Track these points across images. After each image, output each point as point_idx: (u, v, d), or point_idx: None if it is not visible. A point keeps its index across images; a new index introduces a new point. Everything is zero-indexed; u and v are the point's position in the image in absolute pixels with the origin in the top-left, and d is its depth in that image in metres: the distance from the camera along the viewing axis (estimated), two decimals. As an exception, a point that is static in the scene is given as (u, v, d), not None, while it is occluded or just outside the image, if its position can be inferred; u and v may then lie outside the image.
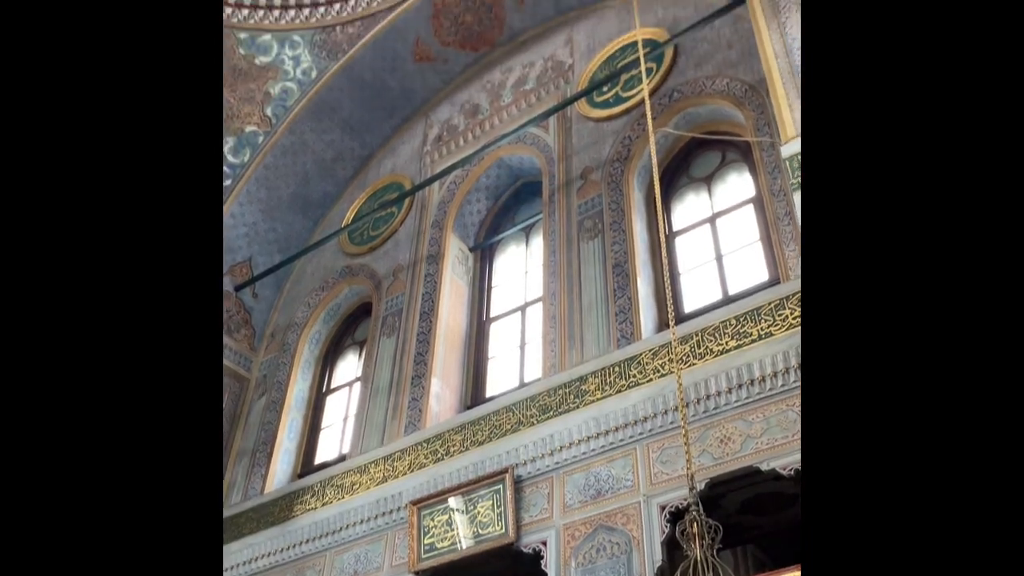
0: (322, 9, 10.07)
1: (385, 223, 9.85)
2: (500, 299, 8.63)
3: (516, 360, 7.83)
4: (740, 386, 5.49)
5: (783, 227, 6.25)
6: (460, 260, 8.97)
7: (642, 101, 7.84)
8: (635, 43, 8.49)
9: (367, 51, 10.09)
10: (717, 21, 7.70)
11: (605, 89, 8.45)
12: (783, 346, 5.42)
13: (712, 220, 7.17)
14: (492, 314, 8.55)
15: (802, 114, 2.37)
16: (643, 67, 6.42)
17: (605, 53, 8.96)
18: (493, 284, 8.87)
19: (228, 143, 10.01)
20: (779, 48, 6.04)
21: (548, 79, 9.43)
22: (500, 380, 7.84)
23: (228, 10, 9.84)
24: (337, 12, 10.01)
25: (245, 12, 9.87)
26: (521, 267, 8.67)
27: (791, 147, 5.58)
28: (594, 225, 7.51)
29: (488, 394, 7.79)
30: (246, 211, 10.19)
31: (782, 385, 5.33)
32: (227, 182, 10.02)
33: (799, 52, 5.94)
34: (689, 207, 7.49)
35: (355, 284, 9.69)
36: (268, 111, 10.11)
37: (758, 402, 5.41)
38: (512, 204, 9.40)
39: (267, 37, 9.90)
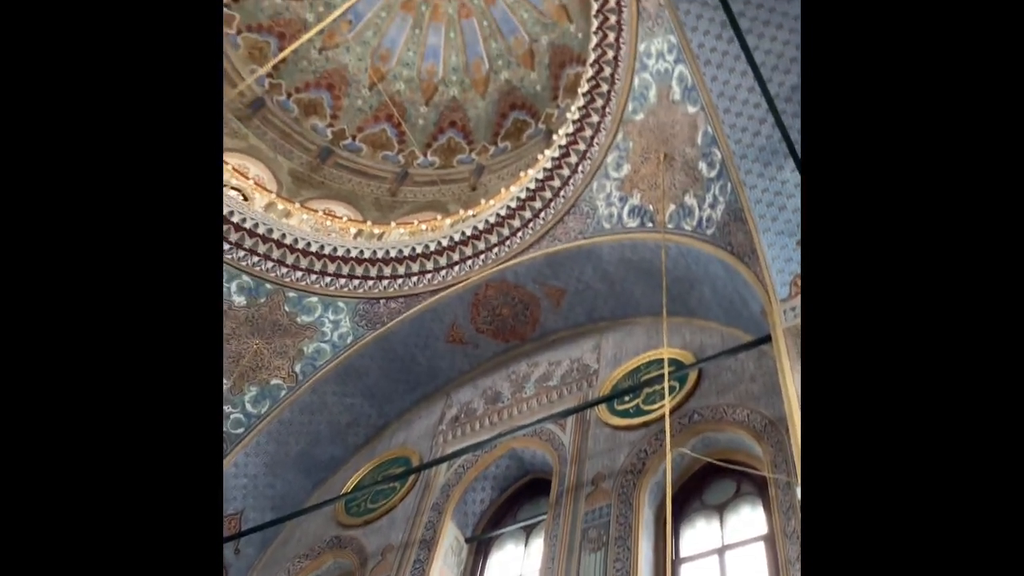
0: (370, 282, 10.70)
1: (385, 497, 9.56)
2: (489, 601, 8.05)
3: (494, 675, 7.10)
4: None
5: (794, 572, 5.89)
6: (454, 550, 8.52)
7: (662, 417, 7.87)
8: (661, 360, 8.73)
9: (404, 326, 10.52)
10: (742, 354, 7.94)
11: (627, 399, 8.55)
12: None
13: (721, 552, 6.81)
14: (477, 616, 7.92)
15: (801, 465, 2.35)
16: (666, 384, 6.52)
17: (630, 365, 9.19)
18: (484, 582, 8.32)
19: (251, 392, 10.15)
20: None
21: (572, 379, 9.61)
22: None
23: (284, 269, 10.50)
24: (384, 288, 10.61)
25: (299, 274, 10.52)
26: (516, 569, 8.18)
27: (808, 490, 5.43)
28: (599, 536, 7.18)
29: None
30: (250, 462, 10.03)
31: None
32: (239, 430, 9.99)
33: (820, 396, 6.01)
34: (699, 534, 7.17)
35: (341, 558, 9.18)
36: (297, 368, 10.35)
37: None
38: (517, 499, 9.12)
39: (314, 299, 10.44)
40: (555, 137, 10.75)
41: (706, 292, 8.91)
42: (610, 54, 9.67)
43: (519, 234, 10.50)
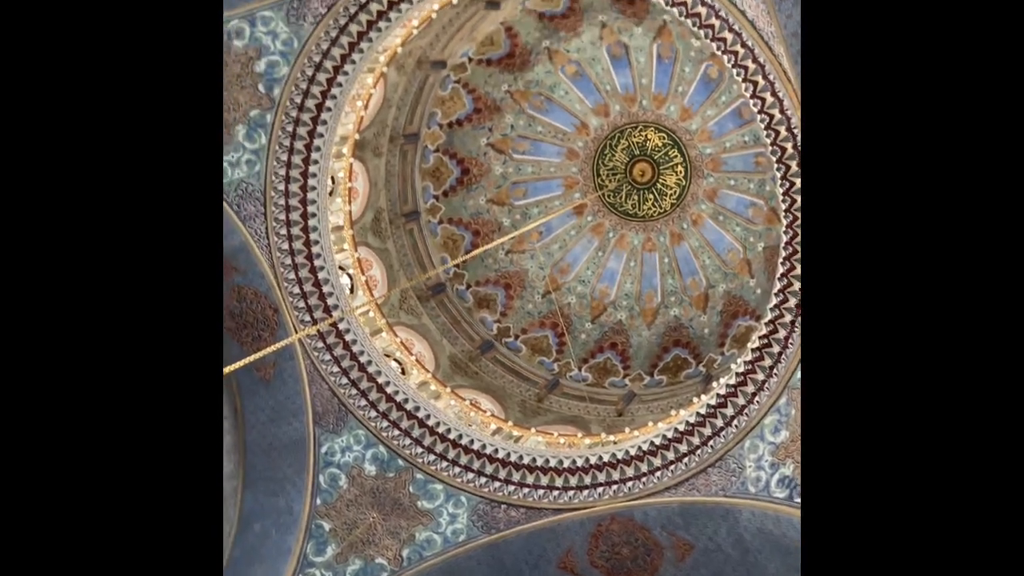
0: (497, 484, 10.58)
1: None
2: None
3: None
4: None
5: None
6: None
7: None
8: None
9: (519, 538, 10.20)
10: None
11: None
12: None
13: None
14: None
15: None
16: None
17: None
18: None
19: (354, 565, 10.03)
20: None
21: (682, 649, 8.79)
22: None
23: (419, 449, 10.63)
24: (508, 493, 10.44)
25: (432, 458, 10.60)
26: None
27: None
28: None
29: None
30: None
31: None
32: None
33: None
34: None
35: None
36: (404, 552, 10.19)
37: None
38: None
39: (439, 487, 10.43)
40: (714, 384, 10.58)
41: (850, 592, 8.07)
42: (787, 317, 9.60)
43: (658, 474, 10.13)
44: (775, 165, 10.03)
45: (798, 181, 9.71)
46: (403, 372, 11.65)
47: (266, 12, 9.50)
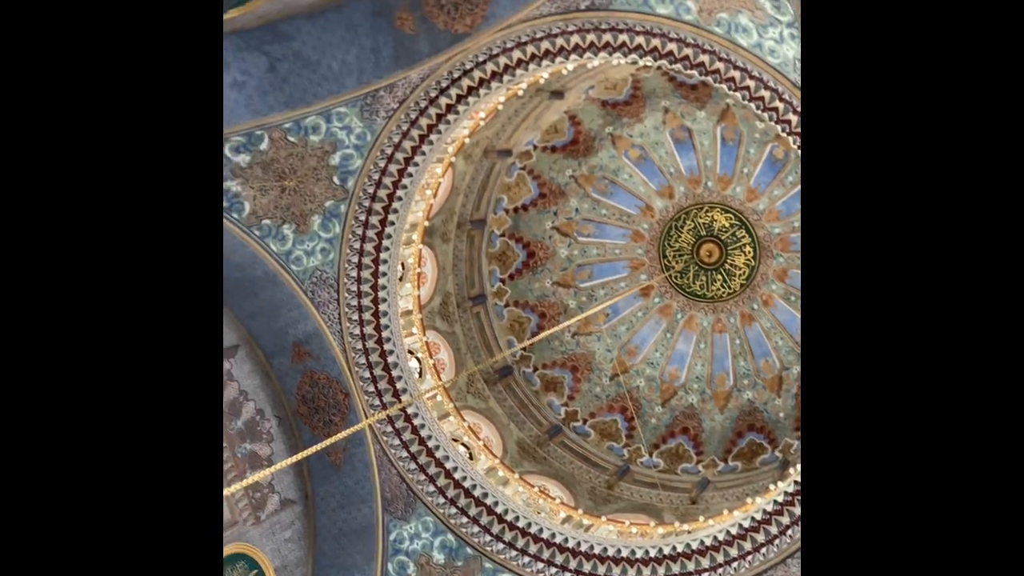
0: (568, 575, 10.28)
1: None
2: None
3: None
4: None
5: None
6: None
7: None
8: None
9: (591, 633, 9.82)
10: None
11: None
12: None
13: None
14: None
15: None
16: None
17: None
18: None
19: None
20: None
21: None
22: None
23: (487, 537, 10.45)
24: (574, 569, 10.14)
25: (500, 547, 10.39)
26: None
27: None
28: None
29: None
30: None
31: None
32: None
33: None
34: None
35: None
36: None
37: None
38: None
39: (507, 577, 10.17)
40: (791, 471, 10.19)
41: None
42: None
43: (734, 565, 9.71)
44: (847, 244, 9.85)
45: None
46: (471, 457, 11.56)
47: (341, 108, 9.96)
